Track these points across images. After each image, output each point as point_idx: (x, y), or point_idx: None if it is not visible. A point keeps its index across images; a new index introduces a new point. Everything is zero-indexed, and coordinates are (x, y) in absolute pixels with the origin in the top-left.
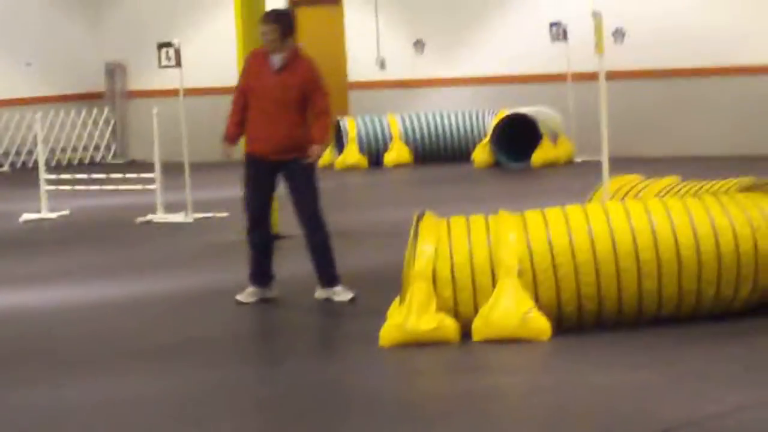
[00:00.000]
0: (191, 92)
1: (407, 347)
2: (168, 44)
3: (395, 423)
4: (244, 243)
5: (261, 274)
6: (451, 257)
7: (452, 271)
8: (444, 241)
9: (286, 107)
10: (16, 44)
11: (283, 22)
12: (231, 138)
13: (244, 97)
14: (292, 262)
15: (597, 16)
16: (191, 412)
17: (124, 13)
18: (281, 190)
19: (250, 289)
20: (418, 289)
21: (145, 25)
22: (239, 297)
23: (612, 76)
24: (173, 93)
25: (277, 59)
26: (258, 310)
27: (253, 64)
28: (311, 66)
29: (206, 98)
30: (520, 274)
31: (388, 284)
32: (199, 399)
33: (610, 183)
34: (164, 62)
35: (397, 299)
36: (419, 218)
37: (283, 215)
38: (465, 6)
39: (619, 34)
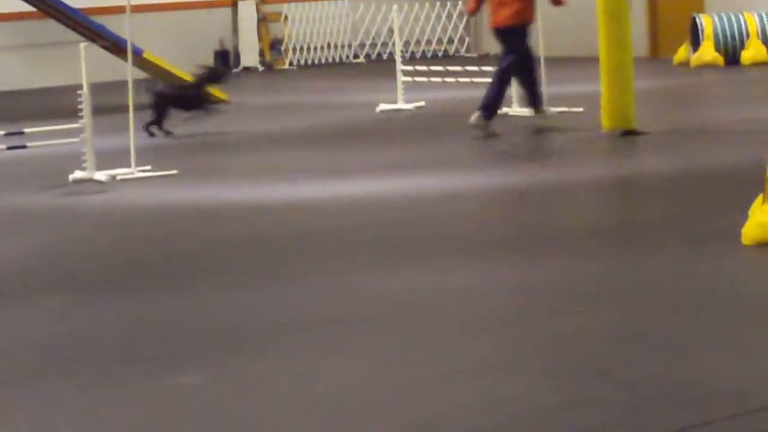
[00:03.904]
0: None
1: None
2: None
3: (753, 323)
4: (597, 138)
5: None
6: None
7: None
8: None
9: None
10: None
11: None
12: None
13: None
14: None
15: None
16: (557, 300)
17: None
18: None
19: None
20: None
21: None
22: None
23: None
24: None
25: None
26: (616, 204)
27: None
28: None
29: None
30: None
31: (748, 182)
32: (565, 289)
33: None
34: None
35: (760, 198)
36: None
37: None
38: None
39: None
